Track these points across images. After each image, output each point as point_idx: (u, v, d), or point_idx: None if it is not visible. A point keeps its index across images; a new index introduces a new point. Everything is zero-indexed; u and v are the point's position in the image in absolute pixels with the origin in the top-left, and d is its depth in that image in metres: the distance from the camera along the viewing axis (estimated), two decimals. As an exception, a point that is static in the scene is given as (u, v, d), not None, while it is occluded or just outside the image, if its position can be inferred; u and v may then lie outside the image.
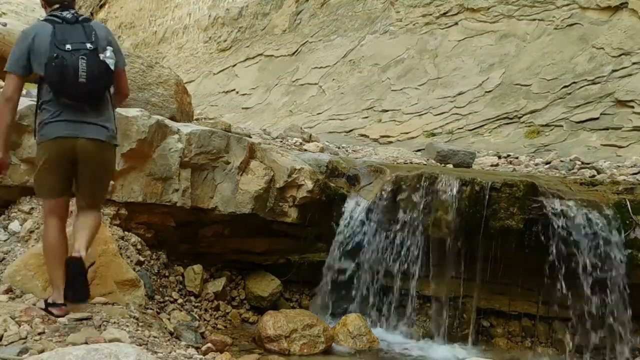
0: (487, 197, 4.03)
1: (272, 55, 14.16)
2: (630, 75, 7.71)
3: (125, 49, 4.82)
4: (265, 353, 3.53)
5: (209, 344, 3.11)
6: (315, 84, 12.25)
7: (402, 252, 4.18)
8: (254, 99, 13.42)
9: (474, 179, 4.11)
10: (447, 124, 9.06)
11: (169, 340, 2.83)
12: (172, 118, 4.64)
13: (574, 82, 8.24)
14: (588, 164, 6.11)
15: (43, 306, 2.72)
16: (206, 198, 3.88)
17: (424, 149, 7.28)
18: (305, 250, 4.41)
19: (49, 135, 2.74)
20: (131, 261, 3.41)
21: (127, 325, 2.63)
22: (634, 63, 7.80)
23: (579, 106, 7.89)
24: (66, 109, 2.74)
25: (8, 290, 2.81)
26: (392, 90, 10.46)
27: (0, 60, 4.84)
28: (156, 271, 3.74)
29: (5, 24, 4.75)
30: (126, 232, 3.60)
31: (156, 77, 5.07)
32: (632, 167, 5.79)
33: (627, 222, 3.98)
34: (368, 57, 11.63)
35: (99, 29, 2.85)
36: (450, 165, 6.02)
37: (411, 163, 6.03)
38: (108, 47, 2.79)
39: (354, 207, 4.24)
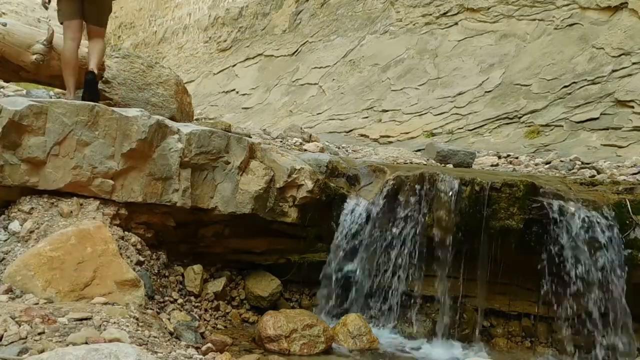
0: (487, 197, 4.03)
1: (272, 55, 14.18)
2: (630, 75, 7.71)
3: (125, 49, 4.83)
4: (265, 353, 3.53)
5: (209, 344, 3.11)
6: (315, 84, 12.26)
7: (402, 252, 4.17)
8: (254, 99, 13.43)
9: (474, 179, 4.11)
10: (447, 124, 9.07)
11: (169, 340, 2.83)
12: (172, 118, 4.64)
13: (574, 82, 8.24)
14: (588, 164, 6.12)
15: None
16: (206, 198, 3.88)
17: (424, 149, 7.28)
18: (305, 250, 4.41)
19: None
20: (131, 261, 3.41)
21: (127, 325, 2.63)
22: (634, 63, 7.81)
23: (579, 106, 7.89)
24: None
25: (8, 290, 2.81)
26: (392, 90, 10.47)
27: (0, 60, 4.84)
28: (156, 271, 3.73)
29: (5, 24, 4.74)
30: (126, 232, 3.59)
31: (156, 77, 5.08)
32: (632, 167, 5.79)
33: (627, 222, 3.98)
34: (368, 57, 11.64)
35: None
36: (450, 165, 6.02)
37: (411, 163, 6.04)
38: None
39: (354, 207, 4.24)
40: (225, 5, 16.26)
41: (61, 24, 4.47)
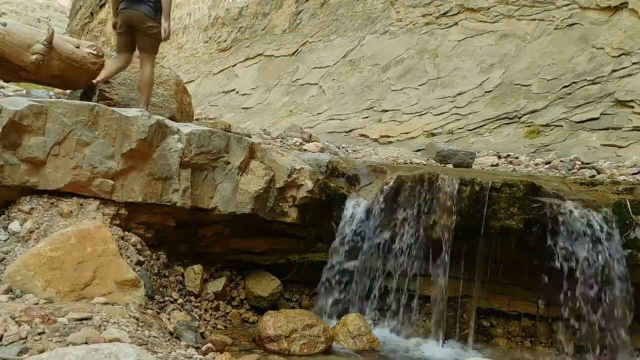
0: (487, 197, 4.03)
1: (272, 55, 14.18)
2: (630, 75, 7.71)
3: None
4: (265, 353, 3.53)
5: (209, 344, 3.11)
6: (315, 84, 12.26)
7: (402, 252, 4.18)
8: (254, 99, 13.44)
9: (474, 179, 4.11)
10: (447, 124, 9.07)
11: (169, 340, 2.83)
12: (172, 118, 4.64)
13: (574, 82, 8.24)
14: (588, 164, 6.12)
15: None
16: (206, 198, 3.88)
17: (424, 149, 7.28)
18: (305, 250, 4.41)
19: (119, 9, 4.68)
20: (131, 261, 3.41)
21: (127, 325, 2.63)
22: (634, 63, 7.81)
23: (579, 106, 7.89)
24: None
25: (8, 290, 2.81)
26: (392, 90, 10.47)
27: (0, 60, 4.84)
28: (156, 271, 3.74)
29: (5, 24, 4.74)
30: (126, 232, 3.59)
31: (156, 77, 5.07)
32: (632, 167, 5.79)
33: (627, 222, 3.97)
34: (368, 57, 11.64)
35: None
36: (450, 165, 6.02)
37: (411, 163, 6.04)
38: None
39: (354, 207, 4.24)
40: (225, 5, 16.27)
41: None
